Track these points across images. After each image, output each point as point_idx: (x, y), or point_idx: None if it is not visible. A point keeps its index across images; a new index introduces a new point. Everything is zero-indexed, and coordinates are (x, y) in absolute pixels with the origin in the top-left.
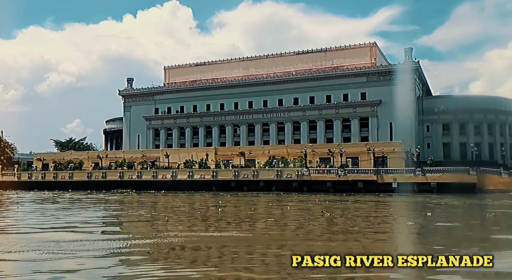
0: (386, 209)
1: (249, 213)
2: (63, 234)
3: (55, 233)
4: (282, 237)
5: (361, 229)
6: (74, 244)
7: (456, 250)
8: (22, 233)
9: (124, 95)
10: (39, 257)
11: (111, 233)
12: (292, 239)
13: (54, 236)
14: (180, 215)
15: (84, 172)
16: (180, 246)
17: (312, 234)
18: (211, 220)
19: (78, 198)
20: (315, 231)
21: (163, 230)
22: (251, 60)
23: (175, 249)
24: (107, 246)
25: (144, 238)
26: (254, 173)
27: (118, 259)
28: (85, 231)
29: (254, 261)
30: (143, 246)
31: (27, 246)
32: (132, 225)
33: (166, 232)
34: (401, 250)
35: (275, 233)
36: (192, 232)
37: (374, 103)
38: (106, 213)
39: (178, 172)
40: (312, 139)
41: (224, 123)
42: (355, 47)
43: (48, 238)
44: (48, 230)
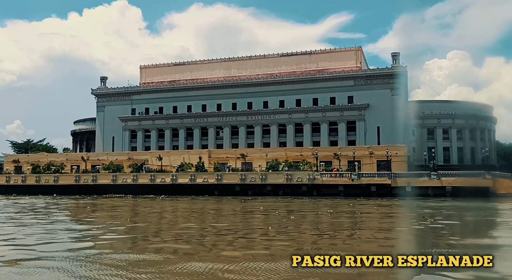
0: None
1: (337, 221)
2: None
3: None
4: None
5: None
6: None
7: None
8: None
9: (97, 94)
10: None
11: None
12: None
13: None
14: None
15: (71, 175)
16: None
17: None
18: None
19: (86, 204)
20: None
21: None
22: (233, 60)
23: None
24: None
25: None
26: (262, 176)
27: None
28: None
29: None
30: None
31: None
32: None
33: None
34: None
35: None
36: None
37: (362, 107)
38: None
39: (178, 175)
40: (298, 142)
41: (207, 125)
42: (340, 50)
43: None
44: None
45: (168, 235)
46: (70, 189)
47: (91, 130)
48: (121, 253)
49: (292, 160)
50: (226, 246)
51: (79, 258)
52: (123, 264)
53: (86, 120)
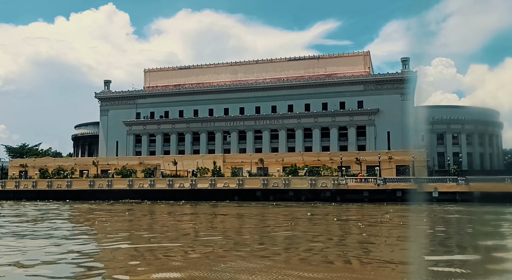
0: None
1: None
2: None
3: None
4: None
5: None
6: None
7: None
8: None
9: (101, 98)
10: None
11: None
12: None
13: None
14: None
15: (84, 180)
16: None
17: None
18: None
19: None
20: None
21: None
22: (239, 65)
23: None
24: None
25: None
26: (284, 182)
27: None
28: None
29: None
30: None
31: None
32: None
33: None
34: None
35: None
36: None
37: (372, 111)
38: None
39: (197, 180)
40: (307, 147)
41: (214, 130)
42: (348, 55)
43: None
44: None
45: (304, 248)
46: (84, 194)
47: (94, 135)
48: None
49: (310, 165)
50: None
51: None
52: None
53: (89, 124)
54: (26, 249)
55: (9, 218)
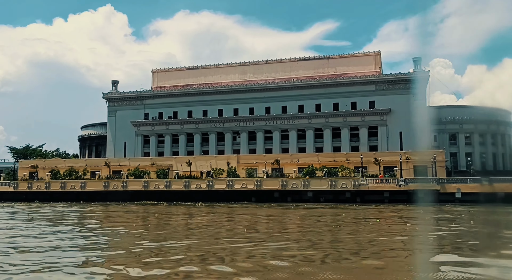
0: None
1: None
2: None
3: None
4: None
5: None
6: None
7: None
8: None
9: (108, 99)
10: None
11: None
12: None
13: None
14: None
15: (99, 182)
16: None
17: None
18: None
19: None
20: None
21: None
22: (248, 65)
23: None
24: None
25: None
26: (304, 182)
27: None
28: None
29: None
30: None
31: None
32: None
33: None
34: None
35: None
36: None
37: (384, 112)
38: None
39: (214, 181)
40: (318, 148)
41: (223, 130)
42: (359, 55)
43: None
44: None
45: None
46: (98, 195)
47: (101, 135)
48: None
49: (326, 166)
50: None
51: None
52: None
53: (96, 124)
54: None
55: (62, 226)
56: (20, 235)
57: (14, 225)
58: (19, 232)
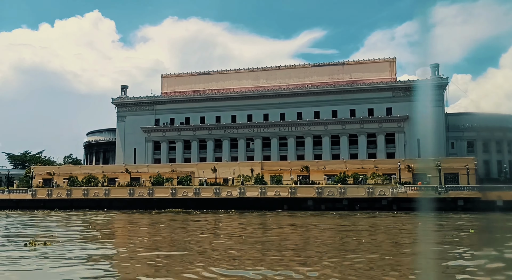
0: None
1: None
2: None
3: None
4: None
5: None
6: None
7: None
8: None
9: (117, 104)
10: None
11: None
12: None
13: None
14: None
15: (124, 189)
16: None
17: None
18: None
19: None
20: None
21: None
22: (261, 70)
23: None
24: None
25: None
26: (340, 190)
27: None
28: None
29: None
30: None
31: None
32: None
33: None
34: None
35: None
36: None
37: (401, 118)
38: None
39: (246, 188)
40: (334, 155)
41: (237, 137)
42: (374, 61)
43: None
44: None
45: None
46: (121, 203)
47: (109, 141)
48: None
49: (353, 173)
50: None
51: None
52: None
53: (103, 130)
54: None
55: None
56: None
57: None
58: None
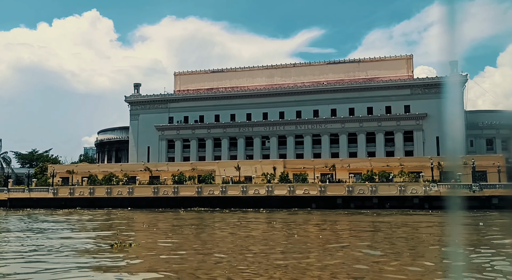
0: None
1: None
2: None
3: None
4: None
5: None
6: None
7: None
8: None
9: (131, 102)
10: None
11: None
12: None
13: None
14: None
15: (148, 187)
16: None
17: None
18: None
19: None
20: None
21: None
22: (275, 68)
23: None
24: None
25: None
26: (371, 188)
27: None
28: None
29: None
30: None
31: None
32: None
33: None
34: None
35: None
36: None
37: (420, 116)
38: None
39: (274, 186)
40: (352, 153)
41: (252, 135)
42: (390, 58)
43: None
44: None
45: None
46: (146, 202)
47: (122, 140)
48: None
49: (378, 171)
50: None
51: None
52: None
53: (115, 129)
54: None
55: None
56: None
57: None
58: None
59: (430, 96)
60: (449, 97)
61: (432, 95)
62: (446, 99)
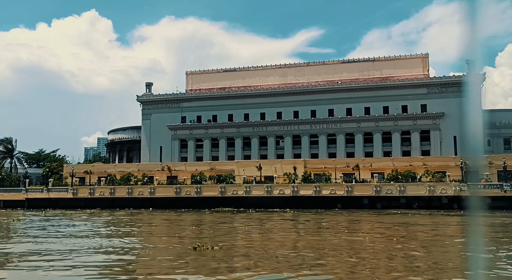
0: None
1: None
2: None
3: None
4: None
5: None
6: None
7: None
8: None
9: (143, 101)
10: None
11: None
12: None
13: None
14: None
15: (170, 187)
16: None
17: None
18: None
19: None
20: None
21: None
22: (289, 67)
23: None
24: None
25: None
26: (400, 188)
27: None
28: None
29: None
30: None
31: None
32: None
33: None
34: None
35: None
36: None
37: (437, 115)
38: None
39: (300, 186)
40: (367, 153)
41: (266, 134)
42: (406, 57)
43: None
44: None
45: None
46: (167, 202)
47: (133, 140)
48: None
49: (401, 171)
50: None
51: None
52: None
53: (127, 128)
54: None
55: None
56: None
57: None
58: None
59: (448, 95)
60: (469, 95)
61: (450, 94)
62: (466, 98)
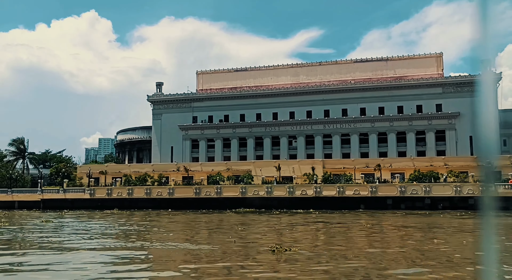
0: None
1: None
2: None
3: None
4: None
5: None
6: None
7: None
8: None
9: (153, 101)
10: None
11: None
12: None
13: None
14: None
15: (190, 188)
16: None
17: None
18: None
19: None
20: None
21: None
22: (301, 67)
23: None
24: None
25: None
26: (425, 188)
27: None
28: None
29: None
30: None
31: None
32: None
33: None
34: None
35: None
36: None
37: (452, 115)
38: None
39: (322, 187)
40: (382, 153)
41: (279, 134)
42: (419, 57)
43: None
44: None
45: None
46: (186, 203)
47: (143, 140)
48: None
49: (422, 171)
50: None
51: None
52: None
53: (136, 128)
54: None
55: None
56: None
57: None
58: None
59: (463, 94)
60: (484, 95)
61: (465, 94)
62: (479, 98)
